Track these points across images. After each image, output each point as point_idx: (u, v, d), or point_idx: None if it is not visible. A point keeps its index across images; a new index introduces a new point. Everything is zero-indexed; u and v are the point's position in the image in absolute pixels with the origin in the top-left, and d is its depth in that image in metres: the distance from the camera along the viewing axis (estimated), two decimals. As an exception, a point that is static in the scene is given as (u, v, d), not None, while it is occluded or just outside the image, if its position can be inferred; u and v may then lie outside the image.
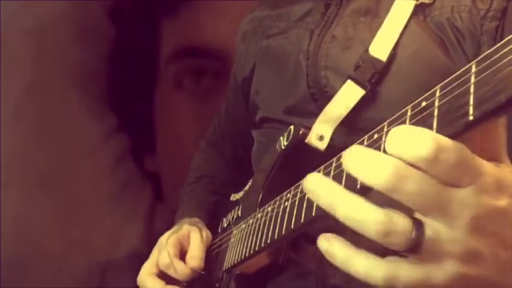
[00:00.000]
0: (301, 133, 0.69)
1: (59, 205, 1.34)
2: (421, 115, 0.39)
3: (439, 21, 0.65)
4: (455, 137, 0.35)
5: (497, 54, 0.33)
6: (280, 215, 0.58)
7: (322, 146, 0.67)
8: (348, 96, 0.66)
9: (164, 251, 0.77)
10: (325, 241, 0.39)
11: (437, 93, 0.38)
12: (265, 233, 0.62)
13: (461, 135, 0.35)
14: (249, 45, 0.85)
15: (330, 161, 0.51)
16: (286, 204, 0.58)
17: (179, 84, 1.44)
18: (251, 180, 0.80)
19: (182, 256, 0.78)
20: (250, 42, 0.85)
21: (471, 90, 0.35)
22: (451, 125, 0.36)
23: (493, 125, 0.38)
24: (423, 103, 0.39)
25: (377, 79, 0.65)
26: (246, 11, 0.91)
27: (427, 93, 0.39)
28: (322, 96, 0.70)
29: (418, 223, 0.36)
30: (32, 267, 1.30)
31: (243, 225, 0.72)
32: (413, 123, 0.39)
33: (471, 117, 0.34)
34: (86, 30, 1.37)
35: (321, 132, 0.68)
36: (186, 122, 1.46)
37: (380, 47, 0.65)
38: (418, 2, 0.66)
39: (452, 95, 0.36)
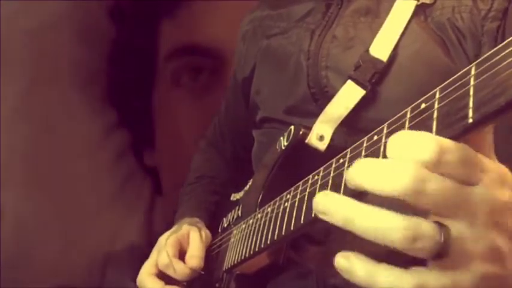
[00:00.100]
0: (301, 133, 0.68)
1: (60, 202, 1.35)
2: (420, 117, 0.39)
3: (440, 21, 0.64)
4: (454, 139, 0.35)
5: (497, 57, 0.33)
6: (280, 215, 0.58)
7: (322, 146, 0.67)
8: (348, 96, 0.66)
9: (163, 251, 0.77)
10: (343, 259, 0.37)
11: (437, 95, 0.38)
12: (265, 233, 0.62)
13: (461, 138, 0.35)
14: (249, 45, 0.85)
15: (330, 161, 0.51)
16: (286, 205, 0.57)
17: (177, 81, 1.47)
18: (251, 180, 0.80)
19: (182, 256, 0.78)
20: (251, 42, 0.85)
21: (471, 93, 0.34)
22: (451, 127, 0.35)
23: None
24: (422, 105, 0.39)
25: (377, 79, 0.65)
26: (243, 11, 0.91)
27: (427, 95, 0.39)
28: (322, 96, 0.69)
29: (441, 226, 0.35)
30: (32, 265, 1.31)
31: (243, 226, 0.72)
32: (412, 125, 0.39)
33: (471, 120, 0.34)
34: (86, 30, 1.38)
35: (321, 132, 0.68)
36: (184, 118, 1.49)
37: (381, 47, 0.65)
38: (419, 2, 0.66)
39: (452, 97, 0.36)
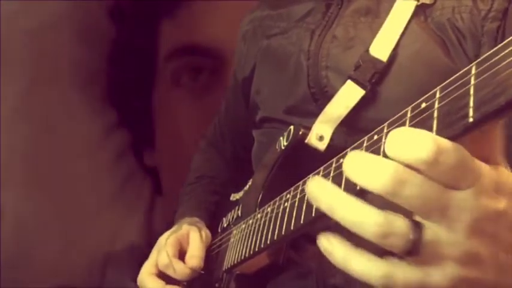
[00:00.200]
0: (301, 133, 0.68)
1: (60, 202, 1.35)
2: (420, 116, 0.39)
3: (440, 21, 0.65)
4: (454, 139, 0.35)
5: (497, 56, 0.33)
6: (279, 215, 0.58)
7: (322, 146, 0.67)
8: (348, 96, 0.66)
9: (163, 251, 0.77)
10: (325, 240, 0.39)
11: (437, 95, 0.38)
12: (264, 233, 0.62)
13: (461, 138, 0.35)
14: (250, 45, 0.85)
15: (330, 161, 0.51)
16: (286, 205, 0.57)
17: (177, 81, 1.47)
18: (251, 180, 0.80)
19: (181, 256, 0.78)
20: (251, 42, 0.85)
21: (471, 92, 0.34)
22: (451, 127, 0.35)
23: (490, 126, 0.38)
24: (423, 104, 0.39)
25: (377, 79, 0.65)
26: (243, 11, 0.91)
27: (427, 94, 0.39)
28: (322, 96, 0.69)
29: (417, 225, 0.36)
30: (33, 265, 1.31)
31: (243, 226, 0.72)
32: (413, 125, 0.39)
33: (471, 120, 0.34)
34: (86, 30, 1.38)
35: (320, 132, 0.68)
36: (184, 118, 1.49)
37: (381, 47, 0.65)
38: (419, 3, 0.66)
39: (452, 96, 0.36)
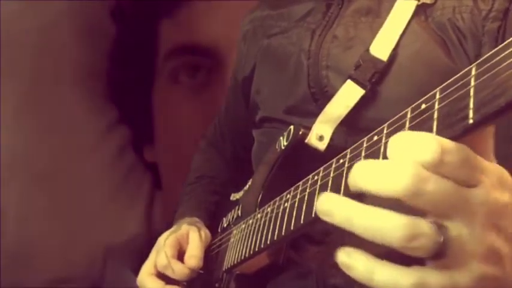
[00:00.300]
0: (301, 133, 0.68)
1: (62, 197, 1.36)
2: (420, 117, 0.39)
3: (441, 21, 0.64)
4: (454, 140, 0.35)
5: (497, 57, 0.33)
6: (280, 215, 0.58)
7: (322, 146, 0.67)
8: (348, 95, 0.65)
9: (162, 251, 0.77)
10: (344, 255, 0.37)
11: (437, 96, 0.38)
12: (264, 233, 0.62)
13: (461, 138, 0.35)
14: (250, 45, 0.85)
15: (330, 162, 0.50)
16: (286, 205, 0.57)
17: (175, 79, 1.49)
18: (251, 180, 0.80)
19: (181, 256, 0.78)
20: (251, 42, 0.85)
21: (471, 94, 0.34)
22: (451, 128, 0.35)
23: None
24: (423, 105, 0.39)
25: (377, 79, 0.64)
26: (243, 11, 0.91)
27: (427, 95, 0.39)
28: (322, 96, 0.69)
29: (440, 226, 0.35)
30: (34, 258, 1.32)
31: (243, 226, 0.72)
32: (413, 126, 0.39)
33: (471, 121, 0.34)
34: (88, 29, 1.39)
35: (320, 132, 0.67)
36: (182, 115, 1.52)
37: (381, 47, 0.65)
38: (420, 3, 0.66)
39: (453, 97, 0.36)
